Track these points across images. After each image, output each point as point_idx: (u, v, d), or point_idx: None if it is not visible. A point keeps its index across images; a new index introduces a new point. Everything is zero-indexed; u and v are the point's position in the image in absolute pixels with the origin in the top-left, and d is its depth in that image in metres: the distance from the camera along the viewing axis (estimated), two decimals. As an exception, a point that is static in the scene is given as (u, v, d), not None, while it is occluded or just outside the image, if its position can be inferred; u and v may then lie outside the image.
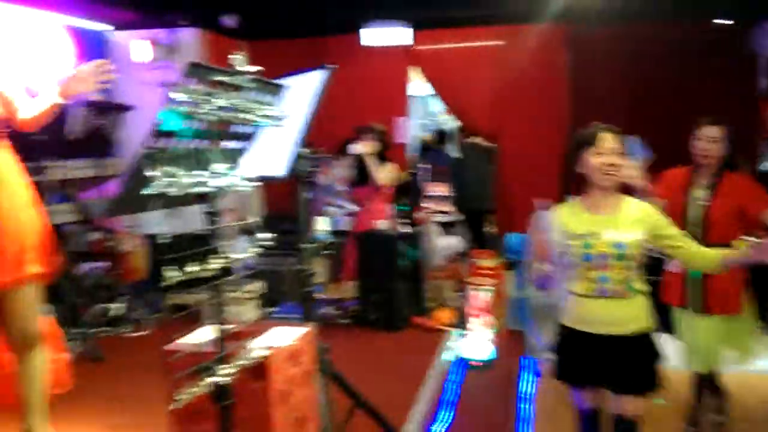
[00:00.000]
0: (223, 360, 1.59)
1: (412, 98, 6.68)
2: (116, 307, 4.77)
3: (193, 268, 1.46)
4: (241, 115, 1.59)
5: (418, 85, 6.62)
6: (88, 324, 4.39)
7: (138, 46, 6.30)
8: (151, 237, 5.23)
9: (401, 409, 3.15)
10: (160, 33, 6.35)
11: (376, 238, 4.75)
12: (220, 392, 1.59)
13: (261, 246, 1.71)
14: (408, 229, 4.89)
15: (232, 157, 1.65)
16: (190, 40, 6.44)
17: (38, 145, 4.02)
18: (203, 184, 1.49)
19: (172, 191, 1.39)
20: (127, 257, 5.66)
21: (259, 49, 7.22)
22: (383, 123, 5.48)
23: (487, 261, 4.43)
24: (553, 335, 2.21)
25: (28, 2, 2.22)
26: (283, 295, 4.94)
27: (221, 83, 1.51)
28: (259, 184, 1.64)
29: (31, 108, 2.47)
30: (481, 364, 3.85)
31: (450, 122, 7.01)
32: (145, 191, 1.36)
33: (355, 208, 5.69)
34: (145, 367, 3.86)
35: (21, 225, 2.33)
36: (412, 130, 6.80)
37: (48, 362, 2.53)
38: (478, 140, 5.92)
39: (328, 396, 2.40)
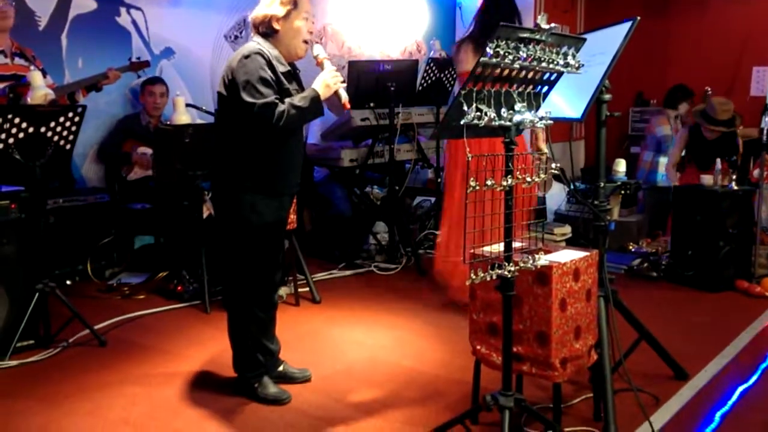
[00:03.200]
0: (510, 261, 2.01)
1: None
2: (438, 234, 5.58)
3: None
4: (542, 65, 1.94)
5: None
6: (417, 244, 5.27)
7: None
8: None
9: (696, 362, 3.15)
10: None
11: (698, 193, 4.61)
12: (504, 284, 2.04)
13: (571, 193, 2.06)
14: (737, 187, 4.60)
15: (533, 99, 2.02)
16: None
17: (393, 93, 4.92)
18: (505, 119, 1.90)
19: (480, 123, 1.85)
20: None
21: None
22: (737, 73, 5.08)
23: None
24: None
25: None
26: (590, 241, 5.12)
27: (527, 39, 1.88)
28: (551, 122, 1.98)
29: None
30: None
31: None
32: (461, 122, 1.84)
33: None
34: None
35: None
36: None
37: None
38: None
39: (610, 321, 2.64)
